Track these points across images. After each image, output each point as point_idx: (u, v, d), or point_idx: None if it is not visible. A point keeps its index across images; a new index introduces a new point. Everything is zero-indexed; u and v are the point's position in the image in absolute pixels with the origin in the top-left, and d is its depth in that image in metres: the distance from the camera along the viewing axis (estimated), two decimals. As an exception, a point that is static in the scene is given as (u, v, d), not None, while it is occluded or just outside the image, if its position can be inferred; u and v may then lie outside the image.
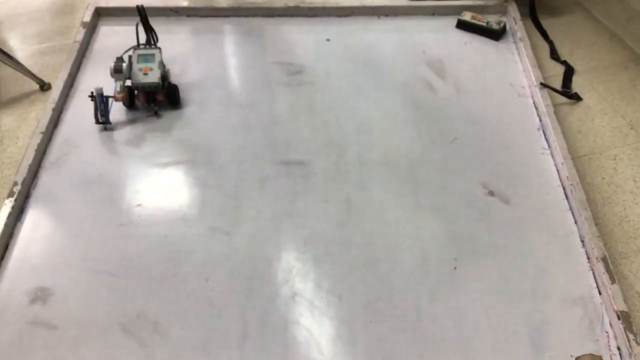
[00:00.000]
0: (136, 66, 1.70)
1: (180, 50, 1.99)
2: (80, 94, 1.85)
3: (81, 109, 1.79)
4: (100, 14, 2.11)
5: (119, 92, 1.68)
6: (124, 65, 1.68)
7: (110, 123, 1.71)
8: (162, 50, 1.76)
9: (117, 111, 1.76)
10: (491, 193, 1.58)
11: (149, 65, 1.70)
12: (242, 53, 1.98)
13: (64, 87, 1.83)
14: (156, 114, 1.74)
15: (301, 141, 1.70)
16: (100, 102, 1.67)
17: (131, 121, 1.75)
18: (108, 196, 1.57)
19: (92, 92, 1.67)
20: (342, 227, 1.50)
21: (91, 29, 2.04)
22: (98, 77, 1.88)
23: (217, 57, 1.97)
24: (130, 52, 1.72)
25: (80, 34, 1.99)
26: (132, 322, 1.33)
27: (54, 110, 1.75)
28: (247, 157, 1.65)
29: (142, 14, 1.70)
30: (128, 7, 2.09)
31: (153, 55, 1.71)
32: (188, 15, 2.11)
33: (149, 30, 1.73)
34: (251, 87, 1.85)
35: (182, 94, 1.82)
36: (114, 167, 1.63)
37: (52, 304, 1.36)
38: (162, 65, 1.72)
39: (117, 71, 1.67)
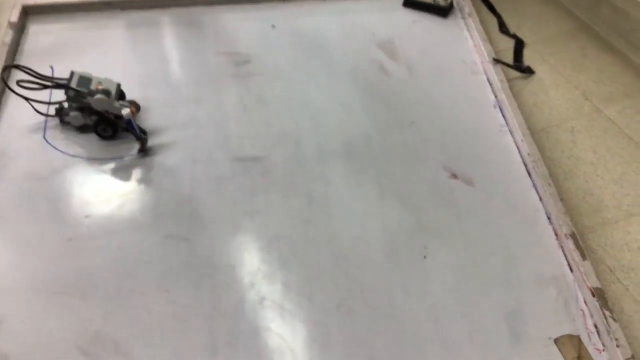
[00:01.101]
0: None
1: (117, 47, 1.87)
2: (12, 100, 1.72)
3: (15, 117, 1.67)
4: (29, 12, 1.97)
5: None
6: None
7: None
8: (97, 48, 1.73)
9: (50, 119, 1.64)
10: (454, 176, 1.55)
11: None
12: (184, 46, 1.89)
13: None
14: None
15: (255, 136, 1.63)
16: (134, 126, 1.53)
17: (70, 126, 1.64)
18: (53, 209, 1.46)
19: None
20: (306, 225, 1.44)
21: (20, 29, 1.90)
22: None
23: (157, 52, 1.87)
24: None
25: (7, 36, 1.85)
26: (90, 343, 1.25)
27: (-14, 121, 1.62)
28: (200, 156, 1.57)
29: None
30: (59, 3, 1.96)
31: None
32: (122, 9, 2.00)
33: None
34: (197, 82, 1.76)
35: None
36: (57, 177, 1.52)
37: (2, 332, 1.26)
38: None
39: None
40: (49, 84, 1.55)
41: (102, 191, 1.49)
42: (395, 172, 1.55)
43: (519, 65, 1.83)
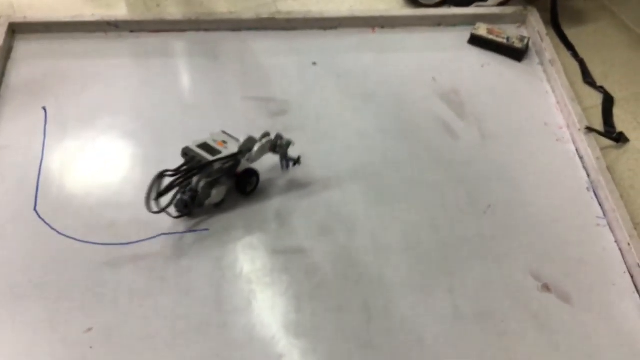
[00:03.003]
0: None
1: (122, 78, 1.54)
2: (-4, 154, 1.38)
3: (1, 177, 1.34)
4: (16, 30, 1.61)
5: None
6: None
7: None
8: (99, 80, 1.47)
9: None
10: (546, 287, 1.25)
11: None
12: (205, 84, 1.56)
13: (-28, 146, 1.36)
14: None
15: (297, 217, 1.31)
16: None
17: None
18: (48, 319, 1.15)
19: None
20: (365, 348, 1.13)
21: (5, 55, 1.55)
22: (19, 125, 1.42)
23: (173, 89, 1.54)
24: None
25: (-11, 64, 1.50)
26: None
27: (-41, 186, 1.28)
28: (227, 247, 1.25)
29: None
30: (54, 21, 1.61)
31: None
32: (132, 31, 1.64)
33: None
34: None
35: (129, 144, 1.43)
36: (56, 268, 1.21)
37: None
38: None
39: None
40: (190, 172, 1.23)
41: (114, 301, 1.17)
42: (471, 276, 1.26)
43: (610, 132, 1.52)
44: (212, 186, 1.25)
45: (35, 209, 1.29)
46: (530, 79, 1.61)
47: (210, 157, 1.23)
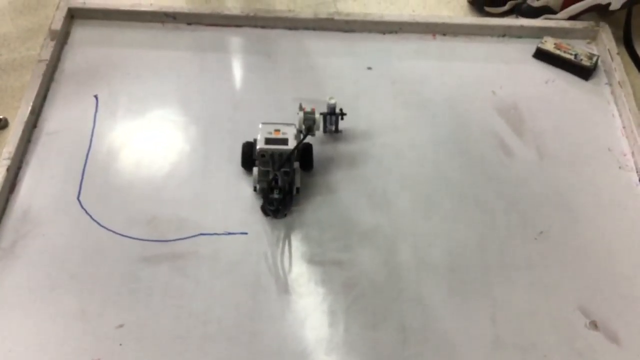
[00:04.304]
0: None
1: (175, 71, 1.54)
2: (46, 139, 1.39)
3: (48, 163, 1.34)
4: (75, 15, 1.62)
5: None
6: None
7: None
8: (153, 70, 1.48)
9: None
10: (594, 324, 1.17)
11: None
12: (258, 80, 1.53)
13: (24, 129, 1.37)
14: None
15: (339, 227, 1.28)
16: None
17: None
18: (81, 311, 1.14)
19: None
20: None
21: (62, 40, 1.56)
22: (70, 111, 1.43)
23: (223, 84, 1.53)
24: None
25: (47, 49, 1.51)
26: None
27: (9, 168, 1.29)
28: (264, 252, 1.24)
29: None
30: (113, 8, 1.61)
31: None
32: (189, 23, 1.63)
33: None
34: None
35: (176, 138, 1.42)
36: (94, 260, 1.21)
37: None
38: None
39: None
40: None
41: (144, 298, 1.16)
42: (515, 305, 1.20)
43: (679, 164, 1.42)
44: (288, 174, 1.24)
45: (78, 198, 1.29)
46: (596, 99, 1.52)
47: (289, 148, 1.22)
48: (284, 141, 1.24)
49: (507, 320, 1.17)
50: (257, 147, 1.23)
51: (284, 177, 1.24)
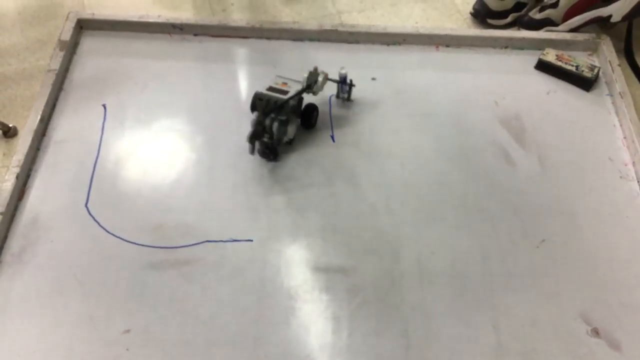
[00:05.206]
0: None
1: (183, 81, 1.56)
2: (55, 147, 1.42)
3: (57, 171, 1.36)
4: (84, 26, 1.65)
5: None
6: None
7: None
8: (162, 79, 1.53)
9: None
10: (596, 332, 1.18)
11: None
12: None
13: (34, 137, 1.39)
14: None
15: (342, 235, 1.30)
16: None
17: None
18: (89, 316, 1.16)
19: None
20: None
21: (71, 50, 1.58)
22: (79, 120, 1.45)
23: (229, 94, 1.55)
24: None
25: (56, 59, 1.53)
26: None
27: (18, 176, 1.31)
28: (269, 259, 1.26)
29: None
30: (121, 20, 1.63)
31: None
32: (196, 34, 1.65)
33: None
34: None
35: (183, 147, 1.44)
36: (101, 266, 1.23)
37: None
38: None
39: None
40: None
41: (154, 298, 1.17)
42: (517, 313, 1.21)
43: (680, 174, 1.44)
44: (285, 124, 1.32)
45: (86, 205, 1.31)
46: (597, 110, 1.54)
47: (284, 97, 1.30)
48: (284, 92, 1.33)
49: (509, 328, 1.18)
50: (257, 90, 1.32)
51: (279, 125, 1.31)
